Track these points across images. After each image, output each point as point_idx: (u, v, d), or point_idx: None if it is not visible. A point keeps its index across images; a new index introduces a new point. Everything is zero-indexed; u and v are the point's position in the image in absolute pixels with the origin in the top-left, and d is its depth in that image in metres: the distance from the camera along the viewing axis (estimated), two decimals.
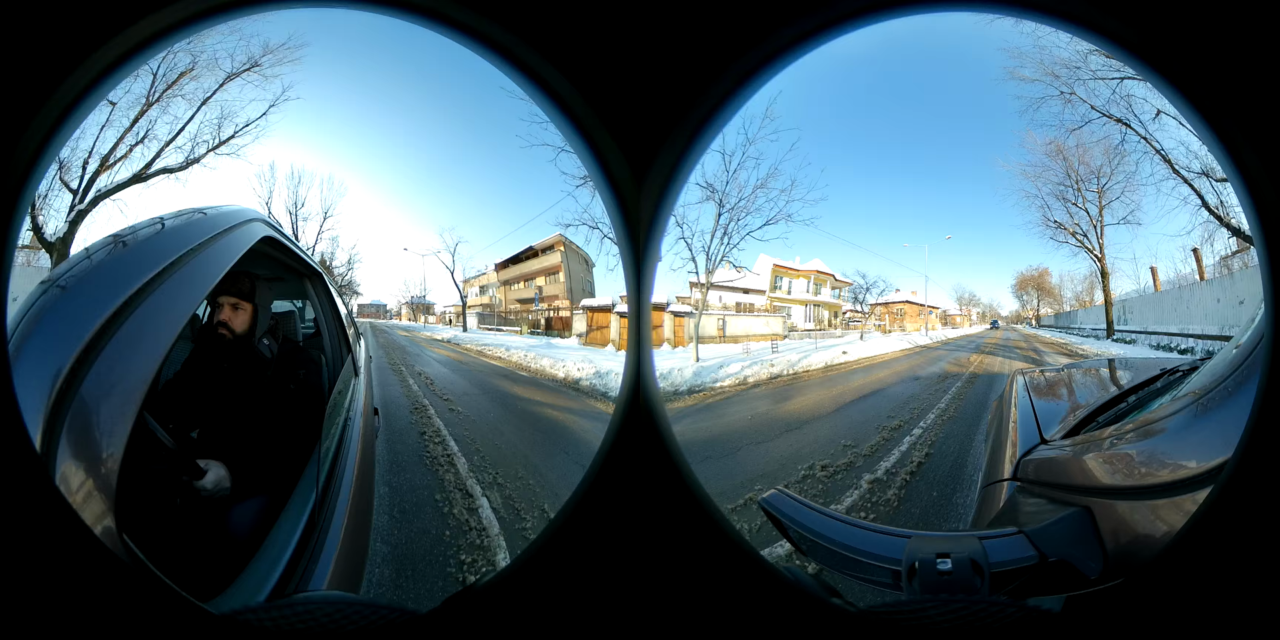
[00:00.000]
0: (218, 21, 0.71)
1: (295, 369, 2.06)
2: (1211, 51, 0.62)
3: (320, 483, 1.62)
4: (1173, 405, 0.99)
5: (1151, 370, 1.76)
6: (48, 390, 0.85)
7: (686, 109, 0.71)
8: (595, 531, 0.74)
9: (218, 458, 1.59)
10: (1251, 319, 0.89)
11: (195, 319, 1.95)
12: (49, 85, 0.63)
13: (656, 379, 0.78)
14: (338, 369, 2.69)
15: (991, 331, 14.48)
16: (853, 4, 0.69)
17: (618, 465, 0.75)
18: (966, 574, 0.86)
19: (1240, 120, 0.62)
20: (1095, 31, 0.67)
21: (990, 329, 14.77)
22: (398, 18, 0.74)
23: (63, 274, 1.04)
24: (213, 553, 1.43)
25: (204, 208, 1.50)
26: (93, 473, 0.87)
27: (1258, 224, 0.62)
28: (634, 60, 0.70)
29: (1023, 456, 1.42)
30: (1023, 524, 0.98)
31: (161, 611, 0.67)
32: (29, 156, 0.64)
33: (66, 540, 0.65)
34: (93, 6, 0.64)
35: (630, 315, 0.80)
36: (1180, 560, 0.66)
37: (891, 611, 0.70)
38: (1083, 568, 0.90)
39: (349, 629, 0.69)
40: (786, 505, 1.07)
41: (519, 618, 0.72)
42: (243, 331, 1.94)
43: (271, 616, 0.69)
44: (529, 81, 0.72)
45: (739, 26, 0.69)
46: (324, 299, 3.07)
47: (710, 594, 0.72)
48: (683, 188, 0.76)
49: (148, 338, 1.05)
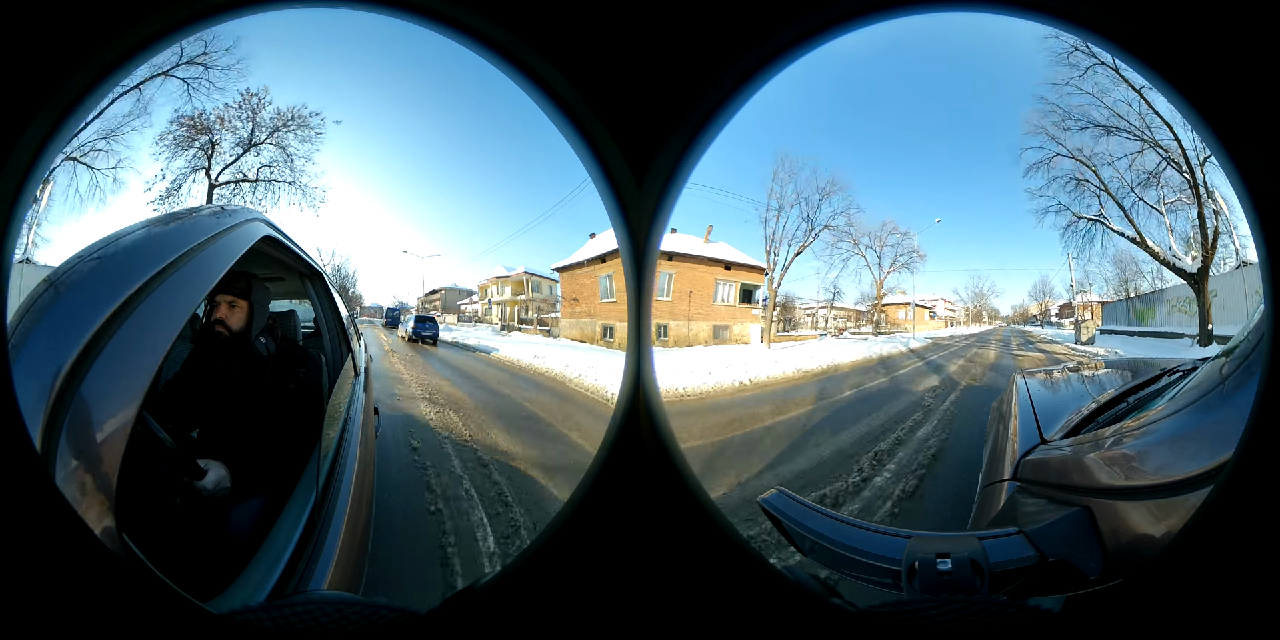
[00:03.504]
0: (218, 21, 0.71)
1: (295, 368, 2.06)
2: (1212, 51, 0.62)
3: (320, 482, 1.62)
4: (1173, 405, 0.99)
5: (1151, 370, 1.76)
6: (48, 390, 0.85)
7: (686, 109, 0.71)
8: (595, 531, 0.74)
9: (218, 457, 1.59)
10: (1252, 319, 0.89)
11: (195, 319, 1.95)
12: (49, 85, 0.63)
13: (657, 379, 0.78)
14: (338, 368, 2.69)
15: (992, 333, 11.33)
16: (853, 4, 0.69)
17: (618, 465, 0.75)
18: (966, 574, 0.86)
19: (1240, 120, 0.62)
20: (1096, 31, 0.67)
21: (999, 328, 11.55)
22: (398, 18, 0.74)
23: (63, 274, 1.04)
24: (213, 553, 1.43)
25: (204, 207, 1.50)
26: (93, 473, 0.87)
27: (1258, 224, 0.62)
28: (634, 61, 0.70)
29: (1023, 457, 1.42)
30: (1023, 524, 0.98)
31: (161, 611, 0.67)
32: (29, 157, 0.64)
33: (66, 540, 0.65)
34: (93, 6, 0.64)
35: (630, 315, 0.80)
36: (1180, 560, 0.66)
37: (891, 611, 0.70)
38: (1083, 568, 0.90)
39: (349, 629, 0.69)
40: (786, 505, 1.07)
41: (519, 618, 0.72)
42: (239, 329, 1.94)
43: (271, 616, 0.69)
44: (529, 82, 0.72)
45: (739, 26, 0.69)
46: (324, 299, 3.07)
47: (710, 594, 0.72)
48: (683, 188, 0.76)
49: (148, 337, 1.05)
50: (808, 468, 4.40)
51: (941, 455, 4.38)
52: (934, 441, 4.75)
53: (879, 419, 5.39)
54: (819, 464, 4.43)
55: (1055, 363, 8.14)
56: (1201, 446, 0.83)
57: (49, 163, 0.67)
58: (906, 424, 5.22)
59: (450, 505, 3.70)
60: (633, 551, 0.73)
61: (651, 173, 0.73)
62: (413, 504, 3.70)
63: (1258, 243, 0.63)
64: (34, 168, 0.65)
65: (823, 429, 5.25)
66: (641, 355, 0.78)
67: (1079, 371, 2.69)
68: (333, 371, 2.59)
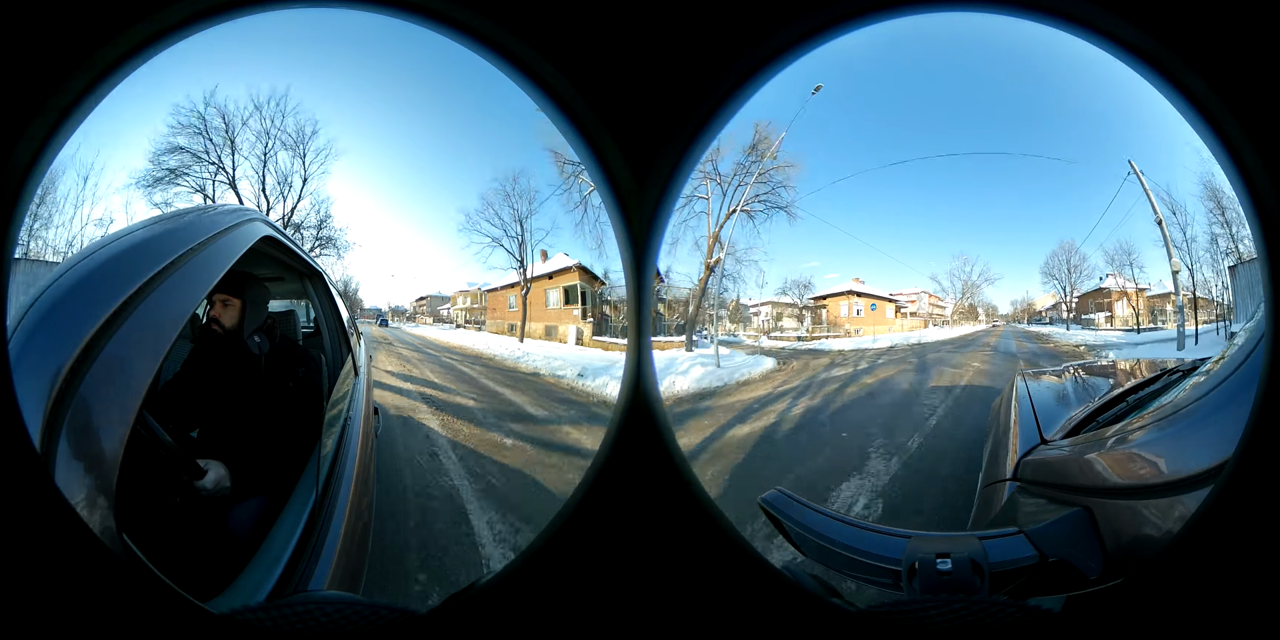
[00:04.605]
0: (218, 21, 0.71)
1: (294, 367, 2.06)
2: (1211, 51, 0.62)
3: (320, 482, 1.62)
4: (1173, 405, 0.99)
5: (1151, 370, 1.76)
6: (48, 390, 0.85)
7: (687, 109, 0.71)
8: (595, 531, 0.74)
9: (217, 457, 1.59)
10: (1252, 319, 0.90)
11: (195, 318, 1.95)
12: (49, 85, 0.63)
13: (657, 379, 0.78)
14: (338, 368, 2.69)
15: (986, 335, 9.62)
16: (853, 4, 0.69)
17: (617, 465, 0.75)
18: (966, 574, 0.86)
19: (1240, 120, 0.62)
20: (1096, 31, 0.67)
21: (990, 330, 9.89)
22: (398, 18, 0.74)
23: (63, 274, 1.04)
24: (212, 552, 1.43)
25: (203, 207, 1.50)
26: (93, 472, 0.87)
27: (1258, 224, 0.62)
28: (634, 61, 0.70)
29: (1023, 457, 1.42)
30: (1023, 524, 0.98)
31: (161, 611, 0.67)
32: (29, 157, 0.64)
33: (66, 540, 0.65)
34: (93, 6, 0.64)
35: (630, 315, 0.80)
36: (1180, 560, 0.66)
37: (891, 611, 0.70)
38: (1083, 568, 0.90)
39: (349, 629, 0.69)
40: (786, 505, 1.07)
41: (519, 618, 0.72)
42: (231, 327, 1.95)
43: (271, 616, 0.69)
44: (529, 82, 0.72)
45: (739, 26, 0.69)
46: (324, 299, 3.07)
47: (710, 594, 0.72)
48: (683, 188, 0.76)
49: (148, 337, 1.05)
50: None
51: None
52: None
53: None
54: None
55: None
56: (1201, 446, 0.83)
57: (49, 163, 0.67)
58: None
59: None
60: (633, 551, 0.73)
61: (651, 173, 0.73)
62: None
63: (1258, 243, 0.63)
64: (34, 168, 0.65)
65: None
66: (641, 355, 0.78)
67: (1079, 372, 2.69)
68: (332, 371, 2.59)
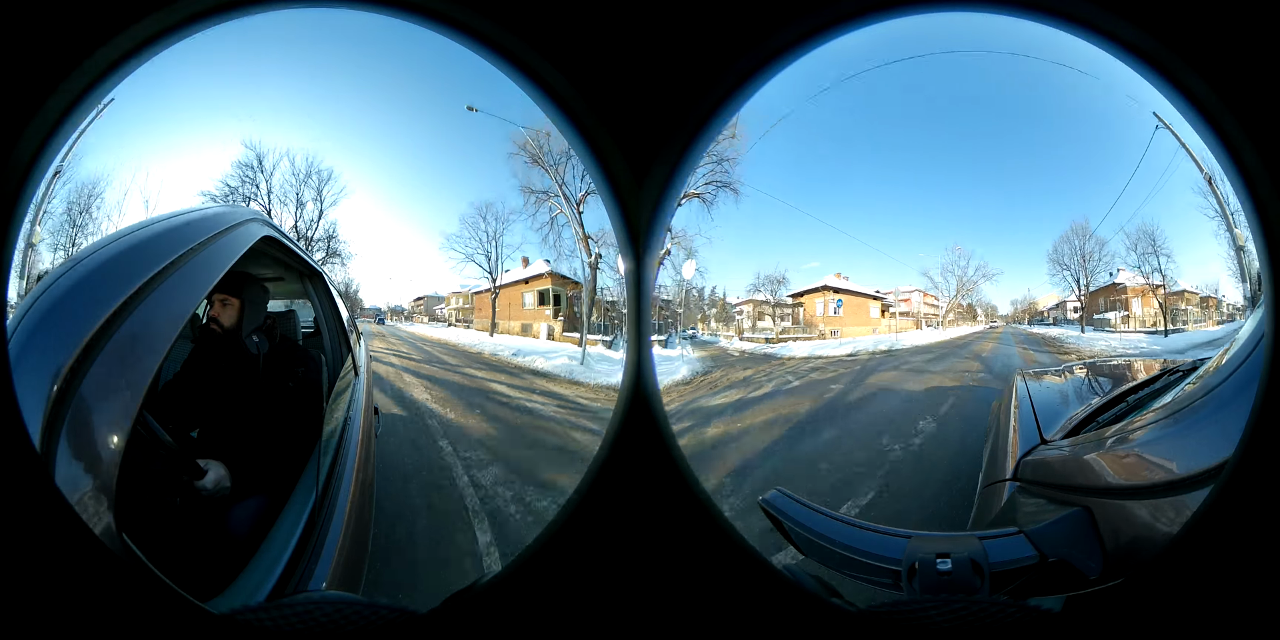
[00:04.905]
0: (218, 21, 0.71)
1: (294, 367, 2.06)
2: (1212, 51, 0.62)
3: (320, 482, 1.62)
4: (1173, 405, 0.99)
5: (1151, 370, 1.76)
6: (48, 390, 0.85)
7: (686, 109, 0.71)
8: (595, 531, 0.74)
9: (217, 457, 1.59)
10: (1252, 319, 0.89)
11: (195, 318, 1.95)
12: (49, 85, 0.63)
13: (657, 378, 0.78)
14: (338, 368, 2.69)
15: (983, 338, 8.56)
16: (853, 4, 0.69)
17: (618, 465, 0.75)
18: (966, 574, 0.86)
19: (1240, 120, 0.62)
20: (1096, 31, 0.67)
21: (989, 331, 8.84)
22: (398, 18, 0.74)
23: (62, 274, 1.04)
24: (212, 552, 1.43)
25: (203, 207, 1.50)
26: (93, 472, 0.87)
27: (1258, 224, 0.62)
28: (634, 61, 0.70)
29: (1023, 457, 1.42)
30: (1023, 524, 0.98)
31: (161, 611, 0.67)
32: (29, 157, 0.64)
33: (66, 540, 0.65)
34: (93, 6, 0.64)
35: (630, 315, 0.80)
36: (1180, 560, 0.66)
37: (891, 611, 0.70)
38: (1083, 568, 0.90)
39: (349, 629, 0.69)
40: (787, 505, 1.07)
41: (519, 618, 0.72)
42: (230, 326, 1.95)
43: (271, 616, 0.69)
44: (529, 82, 0.72)
45: (739, 26, 0.69)
46: (324, 299, 3.07)
47: (710, 594, 0.72)
48: (683, 188, 0.76)
49: (148, 337, 1.05)
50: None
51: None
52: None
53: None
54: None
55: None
56: (1201, 446, 0.83)
57: (49, 163, 0.67)
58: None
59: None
60: (632, 552, 0.73)
61: (651, 173, 0.73)
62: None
63: (1258, 243, 0.63)
64: (34, 168, 0.65)
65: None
66: (641, 355, 0.77)
67: (1079, 372, 2.69)
68: (332, 371, 2.59)
